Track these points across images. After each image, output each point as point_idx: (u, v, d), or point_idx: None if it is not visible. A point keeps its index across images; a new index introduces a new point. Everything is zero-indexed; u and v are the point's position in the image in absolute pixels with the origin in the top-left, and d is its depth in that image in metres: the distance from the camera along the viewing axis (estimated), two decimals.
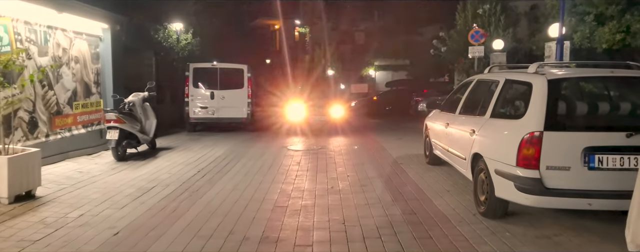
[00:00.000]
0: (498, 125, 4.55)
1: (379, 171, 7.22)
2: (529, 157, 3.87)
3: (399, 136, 12.01)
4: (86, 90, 8.68)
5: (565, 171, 3.80)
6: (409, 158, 8.33)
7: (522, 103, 4.38)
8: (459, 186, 6.04)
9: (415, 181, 6.46)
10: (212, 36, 18.83)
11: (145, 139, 8.77)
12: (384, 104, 22.35)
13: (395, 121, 17.58)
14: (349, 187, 6.13)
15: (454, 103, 6.33)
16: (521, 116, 4.10)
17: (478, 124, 4.91)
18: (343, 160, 8.21)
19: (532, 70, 4.38)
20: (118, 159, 7.98)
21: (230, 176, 6.84)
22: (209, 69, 12.84)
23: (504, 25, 14.25)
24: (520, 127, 4.02)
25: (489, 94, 5.13)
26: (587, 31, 11.39)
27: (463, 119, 5.62)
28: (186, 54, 15.97)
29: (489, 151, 4.51)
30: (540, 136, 3.82)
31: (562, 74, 4.23)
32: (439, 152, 6.75)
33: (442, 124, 6.37)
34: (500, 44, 12.86)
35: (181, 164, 7.77)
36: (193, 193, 5.84)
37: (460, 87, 6.48)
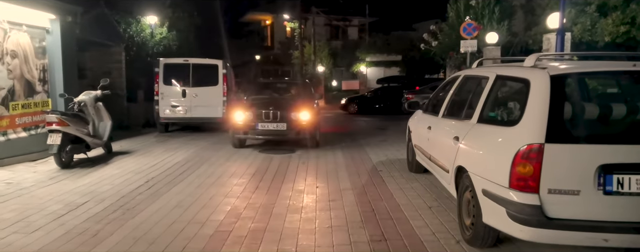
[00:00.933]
0: (486, 133, 3.63)
1: (353, 180, 6.30)
2: (526, 177, 2.95)
3: (384, 136, 11.11)
4: (28, 89, 7.70)
5: (573, 196, 2.89)
6: (390, 164, 7.42)
7: (517, 105, 3.47)
8: (444, 201, 5.14)
9: (393, 193, 5.55)
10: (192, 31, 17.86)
11: (97, 143, 7.82)
12: (375, 101, 21.51)
13: (384, 120, 16.69)
14: (314, 202, 5.20)
15: (437, 104, 5.42)
16: (515, 122, 3.18)
17: (463, 130, 4.00)
18: (316, 166, 7.28)
19: (529, 63, 3.46)
20: (62, 166, 7.04)
21: (181, 188, 5.91)
22: (180, 64, 11.86)
23: (498, 18, 13.34)
24: (514, 137, 3.11)
25: (476, 93, 4.21)
26: (589, 23, 10.51)
27: (446, 123, 4.70)
28: (162, 49, 15.02)
29: (475, 166, 3.60)
30: (540, 149, 2.91)
31: (568, 68, 3.29)
32: (421, 160, 5.84)
33: (424, 127, 5.46)
34: (494, 37, 11.95)
35: (131, 173, 6.83)
36: (127, 211, 4.91)
37: (444, 84, 5.57)
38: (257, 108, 8.92)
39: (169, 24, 15.16)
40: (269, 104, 9.12)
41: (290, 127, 8.76)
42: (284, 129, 8.73)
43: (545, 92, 3.03)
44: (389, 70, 27.86)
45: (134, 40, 13.89)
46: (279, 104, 9.13)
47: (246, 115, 8.81)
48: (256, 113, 8.81)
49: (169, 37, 15.16)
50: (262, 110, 8.79)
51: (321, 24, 33.95)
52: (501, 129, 3.40)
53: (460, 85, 4.79)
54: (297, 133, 8.83)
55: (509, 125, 3.30)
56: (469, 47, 12.57)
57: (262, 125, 8.75)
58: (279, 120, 8.73)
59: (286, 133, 8.78)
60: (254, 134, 8.86)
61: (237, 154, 8.48)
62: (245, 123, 8.77)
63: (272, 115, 8.74)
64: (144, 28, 14.21)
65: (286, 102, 9.48)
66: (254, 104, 9.30)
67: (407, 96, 17.89)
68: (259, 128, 8.75)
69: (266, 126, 8.74)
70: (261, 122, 8.75)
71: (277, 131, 8.78)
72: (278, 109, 8.81)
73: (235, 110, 9.02)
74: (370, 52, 28.00)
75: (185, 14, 16.30)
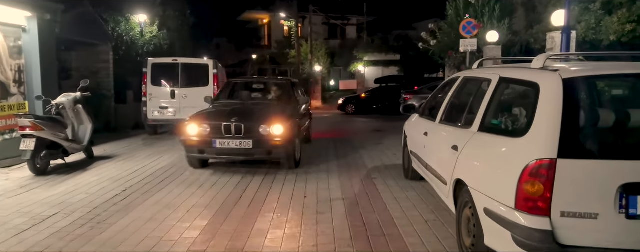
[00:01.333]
0: (489, 143, 3.21)
1: (345, 188, 5.89)
2: (535, 198, 2.54)
3: (380, 139, 10.69)
4: (2, 91, 7.28)
5: (590, 220, 2.48)
6: (386, 170, 7.01)
7: (524, 113, 3.05)
8: (442, 213, 4.72)
9: (387, 204, 5.13)
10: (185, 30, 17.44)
11: (75, 148, 7.39)
12: (372, 102, 21.13)
13: (382, 121, 16.30)
14: (299, 216, 4.78)
15: (434, 107, 5.00)
16: (522, 133, 2.77)
17: (462, 138, 3.58)
18: (306, 172, 6.86)
19: (538, 64, 3.04)
20: (37, 173, 6.63)
21: (159, 198, 5.49)
22: (169, 64, 11.43)
23: (498, 16, 12.90)
24: (521, 151, 2.69)
25: (477, 97, 3.80)
26: (593, 21, 10.11)
27: (444, 129, 4.29)
28: (152, 48, 14.60)
29: (476, 180, 3.19)
30: (552, 165, 2.50)
31: (583, 70, 2.88)
32: (417, 168, 5.42)
33: (420, 133, 5.04)
34: (494, 36, 11.53)
35: (109, 180, 6.41)
36: (96, 225, 4.49)
37: (443, 86, 5.15)
38: (215, 119, 6.83)
39: (159, 23, 14.75)
40: (233, 113, 7.01)
41: (259, 145, 6.59)
42: (250, 148, 6.56)
43: (557, 98, 2.61)
44: (387, 70, 27.46)
45: (122, 39, 13.47)
46: (245, 114, 7.03)
47: (201, 129, 6.66)
48: (213, 126, 6.66)
49: (159, 36, 14.74)
50: (220, 123, 6.64)
51: (319, 23, 33.52)
52: (506, 140, 2.98)
53: (460, 88, 4.37)
54: (268, 152, 6.68)
55: (514, 135, 2.89)
56: (469, 46, 12.15)
57: (220, 142, 6.56)
58: (244, 135, 6.57)
59: (253, 153, 6.64)
60: (211, 153, 6.71)
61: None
62: (199, 139, 6.65)
63: (235, 128, 6.58)
64: (133, 27, 13.80)
65: (257, 111, 7.28)
66: (213, 113, 7.29)
67: (405, 96, 17.49)
68: (217, 146, 6.57)
69: (226, 144, 6.56)
70: (219, 138, 6.56)
71: (241, 151, 6.59)
72: (243, 120, 6.68)
73: (187, 122, 6.91)
74: (368, 51, 27.59)
75: (177, 12, 15.87)
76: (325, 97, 27.96)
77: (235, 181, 6.38)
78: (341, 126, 15.09)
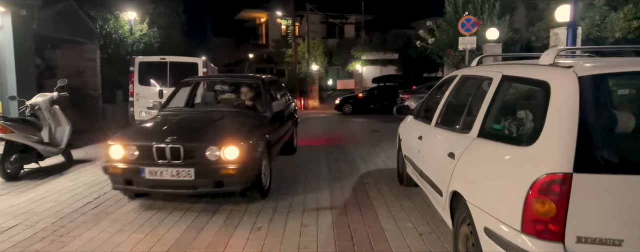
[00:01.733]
0: (490, 151, 2.79)
1: (334, 196, 5.47)
2: (545, 219, 2.13)
3: (377, 140, 10.27)
4: None
5: (614, 248, 2.06)
6: (379, 175, 6.59)
7: (530, 116, 2.64)
8: (438, 225, 4.31)
9: (378, 214, 4.72)
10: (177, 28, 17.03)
11: (51, 152, 6.97)
12: (370, 101, 20.76)
13: (379, 121, 15.89)
14: (282, 228, 4.36)
15: (429, 109, 4.58)
16: (530, 141, 2.35)
17: (460, 144, 3.17)
18: (294, 176, 6.44)
19: (547, 60, 2.62)
20: (7, 179, 6.22)
21: (132, 206, 5.07)
22: (157, 63, 11.00)
23: (499, 13, 12.48)
24: (529, 162, 2.28)
25: (477, 98, 3.38)
26: (597, 17, 9.70)
27: (440, 133, 3.87)
28: (142, 47, 14.20)
29: (476, 194, 2.77)
30: (567, 180, 2.08)
31: (602, 67, 2.44)
32: (412, 174, 5.00)
33: (415, 136, 4.63)
34: (494, 33, 11.11)
35: (84, 186, 6.00)
36: (58, 238, 4.08)
37: (439, 86, 4.73)
38: (144, 138, 4.90)
39: (149, 21, 14.33)
40: (172, 128, 5.15)
41: (204, 174, 4.64)
42: (191, 179, 4.60)
43: (573, 99, 2.19)
44: (385, 69, 27.05)
45: (111, 37, 13.07)
46: (189, 129, 5.15)
47: (126, 152, 4.75)
48: (141, 148, 4.73)
49: (149, 34, 14.32)
50: (150, 143, 4.69)
51: (317, 22, 33.13)
52: (510, 148, 2.56)
53: (457, 88, 3.95)
54: (218, 183, 4.69)
55: (520, 143, 2.47)
56: (468, 44, 11.71)
57: (151, 171, 4.62)
58: (183, 161, 4.63)
59: (195, 185, 4.67)
60: (141, 185, 4.77)
61: None
62: (125, 165, 4.73)
63: (170, 152, 4.63)
64: (122, 24, 13.39)
65: (207, 125, 5.33)
66: (144, 129, 5.45)
67: (402, 96, 17.10)
68: (146, 176, 4.65)
69: (158, 173, 4.62)
70: (150, 166, 4.64)
71: (179, 183, 4.64)
72: (183, 139, 4.75)
73: (109, 142, 4.90)
74: (366, 50, 27.17)
75: (168, 10, 15.44)
76: (322, 96, 27.56)
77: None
78: (336, 127, 14.68)
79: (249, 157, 4.83)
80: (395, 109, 5.30)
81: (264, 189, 5.33)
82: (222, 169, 4.65)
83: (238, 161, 4.69)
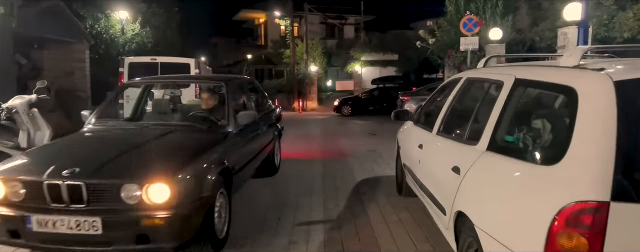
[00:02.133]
0: (503, 169, 2.38)
1: (328, 208, 5.06)
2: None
3: (375, 144, 9.87)
4: None
5: None
6: (376, 183, 6.18)
7: (549, 127, 2.24)
8: (441, 242, 3.88)
9: (374, 229, 4.32)
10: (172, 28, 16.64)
11: None
12: (369, 103, 20.41)
13: (378, 123, 15.49)
14: (264, 248, 3.95)
15: (430, 114, 4.18)
16: (555, 159, 1.94)
17: (466, 158, 2.77)
18: (286, 187, 6.03)
19: (571, 61, 2.21)
20: None
21: None
22: (148, 63, 10.61)
23: (502, 12, 12.08)
24: (553, 186, 1.88)
25: (484, 105, 2.98)
26: (606, 17, 9.30)
27: (442, 143, 3.46)
28: (134, 47, 13.81)
29: (485, 218, 2.37)
30: (602, 210, 1.69)
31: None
32: (412, 185, 4.60)
33: (414, 144, 4.22)
34: (497, 33, 10.72)
35: None
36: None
37: (441, 89, 4.33)
38: (35, 169, 3.35)
39: (142, 20, 13.94)
40: (80, 155, 3.72)
41: (118, 227, 3.14)
42: (98, 233, 3.09)
43: (608, 109, 1.79)
44: (385, 70, 26.64)
45: (102, 37, 12.68)
46: (101, 157, 3.57)
47: (7, 190, 3.26)
48: (29, 185, 3.24)
49: (142, 34, 13.93)
50: (41, 178, 3.18)
51: (317, 23, 32.72)
52: (528, 166, 2.15)
53: (462, 92, 3.55)
54: (140, 239, 3.13)
55: (541, 161, 2.07)
56: (470, 44, 11.34)
57: (39, 219, 3.12)
58: (87, 206, 3.13)
59: (107, 241, 3.13)
60: (29, 239, 3.20)
61: None
62: (6, 210, 3.22)
63: (68, 191, 3.13)
64: (113, 24, 13.00)
65: (132, 149, 3.82)
66: (43, 155, 4.01)
67: (402, 98, 16.69)
68: (33, 227, 3.13)
69: (50, 223, 3.10)
70: (38, 213, 3.14)
71: (82, 238, 3.12)
72: (87, 172, 3.23)
73: None
74: (365, 50, 26.77)
75: (162, 9, 15.05)
76: (321, 97, 27.16)
77: None
78: (333, 131, 14.27)
79: (189, 197, 3.23)
80: (394, 114, 4.90)
81: (219, 239, 3.68)
82: (145, 217, 3.08)
83: (170, 205, 3.10)
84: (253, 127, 5.19)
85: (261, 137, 5.58)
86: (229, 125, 4.56)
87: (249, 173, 5.08)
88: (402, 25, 31.36)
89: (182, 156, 3.66)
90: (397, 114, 4.90)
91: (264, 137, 5.75)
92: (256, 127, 5.36)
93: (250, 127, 5.04)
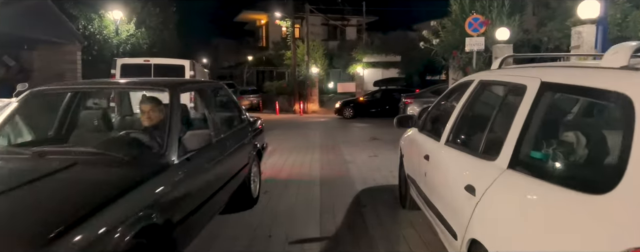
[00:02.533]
0: (531, 194, 1.95)
1: (324, 222, 4.62)
2: None
3: (377, 150, 9.44)
4: None
5: None
6: (379, 194, 5.75)
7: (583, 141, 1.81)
8: None
9: (375, 246, 3.88)
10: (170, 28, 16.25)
11: None
12: (371, 105, 20.01)
13: (380, 126, 15.05)
14: None
15: (438, 120, 3.76)
16: (604, 186, 1.51)
17: (482, 176, 2.34)
18: (278, 198, 5.60)
19: (617, 61, 1.78)
20: None
21: None
22: (140, 65, 10.22)
23: (508, 12, 11.64)
24: (603, 223, 1.45)
25: (503, 112, 2.55)
26: (619, 16, 8.85)
27: (453, 155, 3.02)
28: (129, 48, 13.42)
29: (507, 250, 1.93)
30: None
31: None
32: (416, 198, 4.17)
33: (420, 154, 3.79)
34: (505, 33, 10.27)
35: None
36: None
37: (449, 93, 3.90)
38: None
39: (137, 20, 13.55)
40: None
41: None
42: None
43: None
44: (387, 72, 26.22)
45: (95, 38, 12.29)
46: None
47: None
48: None
49: (137, 34, 13.54)
50: None
51: (318, 24, 32.37)
52: (565, 194, 1.72)
53: (474, 97, 3.12)
54: None
55: (583, 187, 1.63)
56: (475, 45, 10.90)
57: None
58: None
59: None
60: None
61: None
62: None
63: None
64: (106, 24, 12.61)
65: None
66: None
67: (405, 100, 16.28)
68: None
69: None
70: None
71: None
72: None
73: None
74: (367, 52, 26.35)
75: (158, 9, 14.65)
76: (322, 100, 26.75)
77: None
78: (334, 133, 13.83)
79: None
80: (397, 120, 4.46)
81: None
82: None
83: None
84: (214, 150, 3.81)
85: (228, 163, 4.15)
86: (169, 152, 3.05)
87: (208, 216, 3.67)
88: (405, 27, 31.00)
89: (65, 214, 2.11)
90: (400, 120, 4.47)
91: (233, 161, 4.32)
92: (221, 148, 4.00)
93: (209, 151, 3.64)
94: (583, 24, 6.51)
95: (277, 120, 19.92)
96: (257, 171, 5.36)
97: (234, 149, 4.38)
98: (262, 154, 5.75)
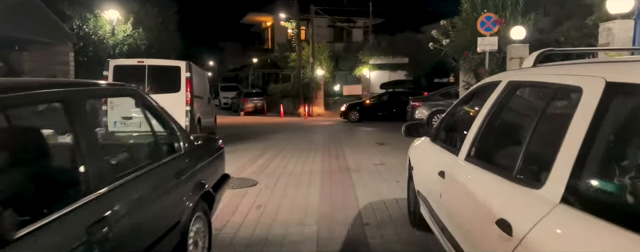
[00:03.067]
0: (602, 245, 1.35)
1: (322, 242, 4.03)
2: None
3: (383, 157, 8.84)
4: None
5: None
6: (384, 209, 5.13)
7: None
8: None
9: None
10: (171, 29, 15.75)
11: None
12: (378, 108, 19.43)
13: (387, 130, 14.45)
14: None
15: (454, 130, 3.16)
16: None
17: (522, 209, 1.75)
18: (273, 213, 5.02)
19: None
20: None
21: None
22: (134, 66, 9.71)
23: (523, 10, 11.00)
24: None
25: (547, 123, 1.96)
26: None
27: (477, 176, 2.41)
28: (126, 49, 12.92)
29: None
30: None
31: None
32: (428, 218, 3.57)
33: (433, 170, 3.19)
34: (521, 32, 9.64)
35: None
36: None
37: (469, 97, 3.30)
38: None
39: (134, 20, 13.05)
40: None
41: None
42: None
43: None
44: (394, 74, 25.58)
45: (90, 38, 11.81)
46: None
47: None
48: None
49: (134, 35, 13.04)
50: None
51: (324, 26, 31.88)
52: None
53: (503, 102, 2.51)
54: None
55: None
56: (488, 45, 10.28)
57: None
58: None
59: None
60: None
61: None
62: None
63: None
64: (102, 24, 12.13)
65: None
66: None
67: (413, 103, 15.67)
68: None
69: None
70: None
71: None
72: None
73: None
74: (374, 54, 25.74)
75: (157, 9, 14.15)
76: (327, 102, 26.17)
77: None
78: (339, 137, 13.23)
79: None
80: (405, 128, 3.84)
81: None
82: None
83: None
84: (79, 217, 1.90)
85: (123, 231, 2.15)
86: None
87: None
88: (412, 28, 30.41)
89: None
90: (409, 128, 3.85)
91: (139, 225, 2.37)
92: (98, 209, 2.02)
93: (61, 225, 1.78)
94: (613, 19, 5.89)
95: (282, 123, 19.37)
96: (202, 227, 3.22)
97: (142, 202, 2.44)
98: (214, 198, 3.50)
